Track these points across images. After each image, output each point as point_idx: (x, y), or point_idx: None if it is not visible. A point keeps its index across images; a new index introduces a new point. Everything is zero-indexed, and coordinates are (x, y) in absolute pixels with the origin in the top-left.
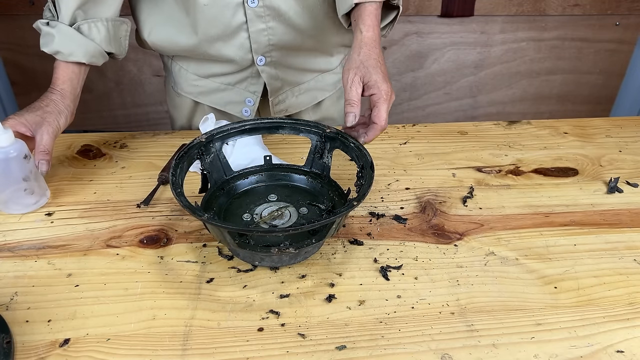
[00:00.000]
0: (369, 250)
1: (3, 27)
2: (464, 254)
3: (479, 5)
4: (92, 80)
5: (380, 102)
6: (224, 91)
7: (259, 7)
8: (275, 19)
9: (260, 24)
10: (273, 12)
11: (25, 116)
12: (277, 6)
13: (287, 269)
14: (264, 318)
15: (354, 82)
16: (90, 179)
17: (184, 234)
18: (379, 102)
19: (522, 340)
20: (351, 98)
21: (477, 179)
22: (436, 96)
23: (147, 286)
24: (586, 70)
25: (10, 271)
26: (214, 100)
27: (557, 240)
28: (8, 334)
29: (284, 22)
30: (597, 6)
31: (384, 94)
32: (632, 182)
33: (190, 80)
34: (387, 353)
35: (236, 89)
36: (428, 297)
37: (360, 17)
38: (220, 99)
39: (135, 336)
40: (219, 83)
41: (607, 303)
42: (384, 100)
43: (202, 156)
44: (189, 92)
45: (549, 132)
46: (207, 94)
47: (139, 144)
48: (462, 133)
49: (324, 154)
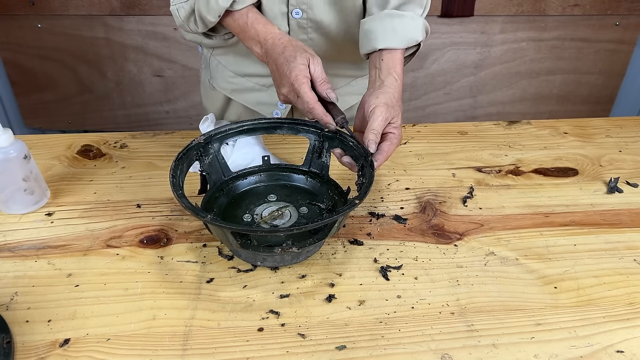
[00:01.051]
0: (369, 250)
1: (3, 27)
2: (464, 254)
3: (479, 5)
4: (92, 81)
5: (395, 140)
6: (258, 91)
7: (303, 18)
8: (317, 31)
9: (302, 35)
10: (315, 24)
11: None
12: (320, 19)
13: (287, 269)
14: (264, 318)
15: (386, 118)
16: (90, 179)
17: (184, 234)
18: (393, 142)
19: (522, 340)
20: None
21: (477, 179)
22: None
23: (147, 286)
24: (586, 70)
25: (10, 271)
26: (247, 99)
27: (557, 240)
28: (8, 334)
29: (324, 34)
30: (597, 6)
31: (399, 139)
32: (632, 182)
33: (227, 77)
34: (387, 353)
35: (270, 90)
36: (428, 297)
37: (392, 64)
38: (253, 99)
39: (135, 336)
40: (254, 83)
41: (607, 303)
42: (396, 143)
43: (201, 157)
44: (223, 88)
45: (549, 132)
46: (240, 92)
47: (139, 144)
48: (462, 133)
49: (322, 153)
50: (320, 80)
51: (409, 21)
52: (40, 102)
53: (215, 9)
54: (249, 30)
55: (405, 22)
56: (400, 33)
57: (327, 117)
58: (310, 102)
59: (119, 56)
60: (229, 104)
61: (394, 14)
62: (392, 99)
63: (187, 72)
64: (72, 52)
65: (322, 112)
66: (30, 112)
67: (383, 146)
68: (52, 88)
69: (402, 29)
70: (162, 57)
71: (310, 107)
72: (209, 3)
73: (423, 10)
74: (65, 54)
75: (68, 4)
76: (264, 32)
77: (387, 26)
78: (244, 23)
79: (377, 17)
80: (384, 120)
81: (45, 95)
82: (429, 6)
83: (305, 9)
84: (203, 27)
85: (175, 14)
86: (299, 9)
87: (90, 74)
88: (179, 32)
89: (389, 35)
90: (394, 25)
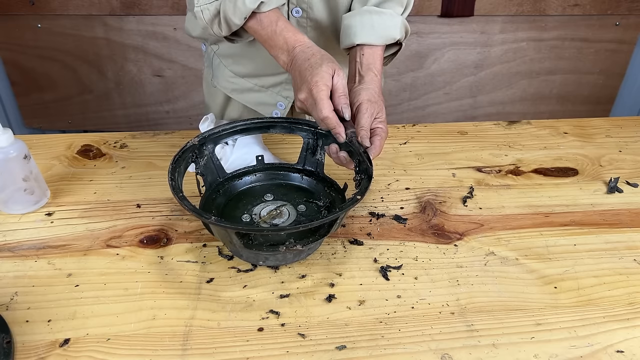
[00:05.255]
0: (369, 250)
1: (3, 27)
2: (464, 254)
3: (479, 5)
4: (92, 80)
5: (383, 136)
6: (258, 92)
7: (302, 17)
8: (316, 30)
9: None
10: (314, 23)
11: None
12: (320, 19)
13: (287, 269)
14: (264, 318)
15: (371, 114)
16: (90, 179)
17: (184, 234)
18: (382, 137)
19: (522, 340)
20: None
21: (477, 179)
22: (436, 96)
23: (147, 286)
24: (586, 70)
25: (10, 271)
26: (247, 99)
27: (557, 240)
28: (8, 334)
29: (322, 34)
30: (597, 6)
31: (386, 132)
32: (632, 182)
33: (227, 77)
34: (387, 353)
35: (269, 91)
36: (428, 297)
37: (373, 60)
38: (252, 99)
39: (135, 336)
40: (253, 84)
41: (607, 303)
42: (385, 137)
43: (197, 159)
44: (224, 87)
45: (549, 132)
46: (240, 92)
47: (139, 144)
48: (462, 133)
49: (316, 151)
50: (340, 92)
51: (387, 18)
52: (40, 102)
53: (243, 10)
54: (277, 38)
55: (384, 19)
56: (378, 30)
57: (340, 128)
58: (325, 110)
59: (119, 56)
60: (229, 103)
61: (373, 10)
62: (374, 94)
63: (187, 72)
64: (72, 52)
65: (335, 122)
66: (30, 112)
67: (374, 141)
68: (52, 88)
69: (381, 26)
70: (162, 57)
71: (324, 116)
72: (236, 4)
73: (404, 9)
74: (65, 54)
75: (68, 4)
76: (294, 40)
77: (365, 22)
78: (273, 31)
79: (357, 13)
80: (370, 116)
81: (45, 95)
82: (410, 7)
83: (305, 7)
84: (227, 30)
85: (200, 16)
86: (299, 7)
87: (90, 74)
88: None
89: (367, 31)
90: (373, 22)
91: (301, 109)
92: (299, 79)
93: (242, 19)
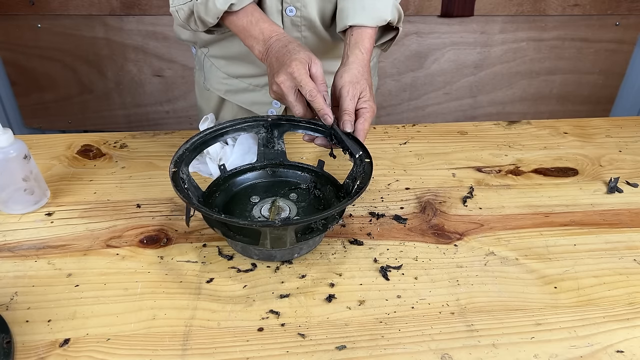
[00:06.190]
0: (369, 250)
1: (3, 27)
2: (464, 254)
3: (479, 5)
4: (92, 81)
5: (368, 115)
6: (252, 92)
7: (296, 16)
8: (310, 29)
9: (296, 33)
10: (308, 22)
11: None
12: (314, 18)
13: (287, 269)
14: (264, 318)
15: (354, 95)
16: (90, 179)
17: (184, 234)
18: (366, 115)
19: (522, 340)
20: (349, 109)
21: (477, 179)
22: (436, 96)
23: (147, 286)
24: (586, 70)
25: (10, 271)
26: (241, 99)
27: (557, 240)
28: (8, 334)
29: (316, 33)
30: (597, 6)
31: (372, 111)
32: (632, 182)
33: (220, 78)
34: (387, 353)
35: (264, 90)
36: (428, 297)
37: (360, 39)
38: (247, 99)
39: (135, 336)
40: (247, 84)
41: (607, 303)
42: (371, 115)
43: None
44: (217, 89)
45: (548, 132)
46: (234, 93)
47: (139, 144)
48: (462, 133)
49: (275, 142)
50: (320, 81)
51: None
52: (40, 102)
53: (214, 12)
54: (252, 28)
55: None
56: (369, 10)
57: (328, 109)
58: (313, 90)
59: (119, 56)
60: (222, 105)
61: None
62: (356, 74)
63: (187, 72)
64: (72, 52)
65: (323, 103)
66: (30, 112)
67: (357, 125)
68: (52, 88)
69: (372, 7)
70: (162, 57)
71: (313, 95)
72: (207, 6)
73: None
74: (65, 54)
75: (68, 4)
76: (270, 30)
77: (356, 4)
78: (249, 22)
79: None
80: (352, 98)
81: (45, 95)
82: None
83: (299, 6)
84: (203, 27)
85: (175, 15)
86: (293, 6)
87: (90, 74)
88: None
89: (358, 13)
90: (364, 3)
91: (276, 93)
92: (276, 64)
93: (215, 18)
